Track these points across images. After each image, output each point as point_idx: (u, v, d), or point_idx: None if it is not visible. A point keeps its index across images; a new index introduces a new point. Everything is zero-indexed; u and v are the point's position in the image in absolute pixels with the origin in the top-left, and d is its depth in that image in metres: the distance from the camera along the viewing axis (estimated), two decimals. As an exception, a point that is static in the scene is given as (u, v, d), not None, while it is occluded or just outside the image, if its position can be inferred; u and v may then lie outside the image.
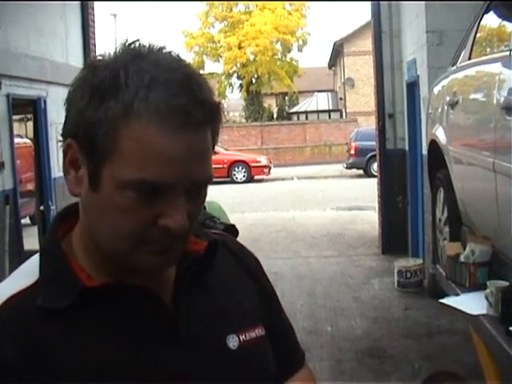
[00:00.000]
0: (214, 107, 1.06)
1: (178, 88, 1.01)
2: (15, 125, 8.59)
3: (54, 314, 1.05)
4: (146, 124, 0.99)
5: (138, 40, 1.07)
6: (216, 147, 1.14)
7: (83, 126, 1.03)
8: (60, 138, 1.10)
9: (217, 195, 7.90)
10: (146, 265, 1.06)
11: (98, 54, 1.10)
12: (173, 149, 1.00)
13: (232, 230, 2.59)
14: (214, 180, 1.11)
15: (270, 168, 25.73)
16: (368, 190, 15.11)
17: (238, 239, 2.48)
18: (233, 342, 1.18)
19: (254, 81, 41.14)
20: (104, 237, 1.07)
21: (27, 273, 1.12)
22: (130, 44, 1.07)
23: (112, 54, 1.06)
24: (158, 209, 1.02)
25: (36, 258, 1.14)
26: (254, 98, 41.44)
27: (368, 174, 22.54)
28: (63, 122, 1.09)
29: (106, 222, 1.05)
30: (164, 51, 1.07)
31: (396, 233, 9.64)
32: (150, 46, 1.06)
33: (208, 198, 3.11)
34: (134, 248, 1.04)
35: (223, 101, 52.74)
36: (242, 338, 1.19)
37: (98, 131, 1.01)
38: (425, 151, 6.15)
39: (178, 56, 1.08)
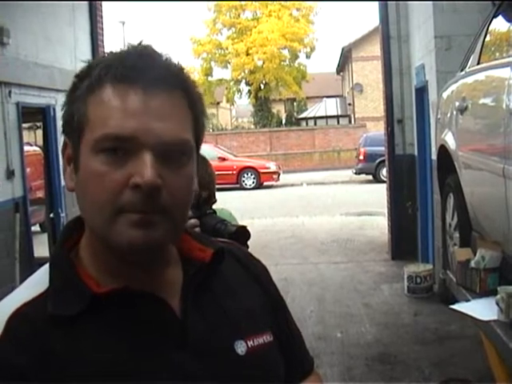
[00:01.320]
0: (174, 69, 1.11)
1: (137, 54, 1.09)
2: (24, 133, 8.63)
3: (63, 322, 1.06)
4: (108, 88, 1.06)
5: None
6: (225, 154, 1.16)
7: (66, 113, 1.11)
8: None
9: (226, 202, 7.90)
10: (126, 239, 1.05)
11: None
12: (131, 103, 1.05)
13: (243, 231, 2.59)
14: (224, 186, 1.12)
15: (279, 174, 25.72)
16: (377, 195, 15.10)
17: (248, 244, 2.49)
18: (241, 347, 1.18)
19: (262, 87, 41.18)
20: (90, 216, 1.09)
21: (37, 282, 1.14)
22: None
23: None
24: (129, 170, 1.04)
25: (45, 268, 1.16)
26: (262, 104, 41.47)
27: (377, 180, 22.53)
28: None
29: (87, 197, 1.08)
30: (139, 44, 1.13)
31: (406, 238, 9.62)
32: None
33: (218, 205, 3.14)
34: (113, 218, 1.05)
35: (232, 107, 52.93)
36: (250, 343, 1.19)
37: (74, 110, 1.09)
38: (434, 156, 6.14)
39: (149, 45, 1.13)
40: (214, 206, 2.86)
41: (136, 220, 1.04)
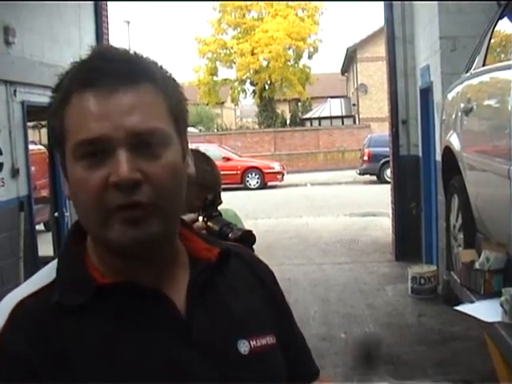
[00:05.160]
0: (136, 61, 1.11)
1: (99, 57, 1.10)
2: (29, 131, 8.63)
3: (68, 312, 1.08)
4: (76, 96, 1.08)
5: None
6: (229, 154, 1.16)
7: (49, 127, 1.15)
8: None
9: (230, 202, 7.89)
10: (119, 237, 1.06)
11: None
12: (98, 105, 1.06)
13: (249, 235, 2.58)
14: (228, 186, 1.12)
15: (283, 174, 25.72)
16: (381, 196, 15.08)
17: (253, 247, 2.48)
18: (244, 347, 1.18)
19: (266, 87, 41.18)
20: (83, 221, 1.12)
21: (42, 277, 1.16)
22: None
23: None
24: (107, 170, 1.05)
25: (52, 264, 1.18)
26: (267, 104, 41.46)
27: (381, 180, 22.49)
28: None
29: (77, 202, 1.10)
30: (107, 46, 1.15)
31: (409, 239, 9.61)
32: None
33: (223, 206, 3.13)
34: (104, 219, 1.06)
35: (236, 107, 52.90)
36: (253, 343, 1.20)
37: (53, 124, 1.12)
38: (439, 157, 6.14)
39: (125, 48, 1.15)
40: (219, 207, 2.85)
41: (126, 218, 1.06)
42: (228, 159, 24.68)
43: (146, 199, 1.06)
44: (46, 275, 1.15)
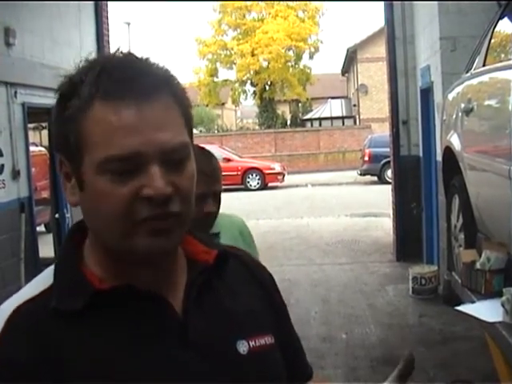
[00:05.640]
0: (160, 73, 1.12)
1: (122, 67, 1.08)
2: (30, 133, 8.64)
3: (66, 317, 1.08)
4: (100, 106, 1.06)
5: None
6: (230, 155, 1.16)
7: (58, 133, 1.11)
8: None
9: (231, 203, 7.90)
10: (144, 248, 1.07)
11: None
12: (128, 119, 1.04)
13: None
14: (229, 187, 1.12)
15: (283, 175, 25.72)
16: (382, 196, 15.09)
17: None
18: (243, 347, 1.19)
19: (267, 88, 41.17)
20: (102, 231, 1.10)
21: (41, 281, 1.16)
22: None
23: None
24: (138, 183, 1.05)
25: (51, 268, 1.18)
26: (267, 104, 41.44)
27: (382, 181, 22.50)
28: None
29: (99, 214, 1.08)
30: (119, 52, 1.13)
31: (410, 239, 9.62)
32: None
33: (228, 211, 3.03)
34: (129, 230, 1.06)
35: (237, 108, 52.89)
36: (252, 343, 1.20)
37: (67, 131, 1.08)
38: (439, 157, 6.13)
39: (130, 52, 1.13)
40: (225, 211, 2.76)
41: (155, 229, 1.06)
42: (229, 160, 24.67)
43: (176, 210, 1.08)
44: (47, 277, 1.15)
